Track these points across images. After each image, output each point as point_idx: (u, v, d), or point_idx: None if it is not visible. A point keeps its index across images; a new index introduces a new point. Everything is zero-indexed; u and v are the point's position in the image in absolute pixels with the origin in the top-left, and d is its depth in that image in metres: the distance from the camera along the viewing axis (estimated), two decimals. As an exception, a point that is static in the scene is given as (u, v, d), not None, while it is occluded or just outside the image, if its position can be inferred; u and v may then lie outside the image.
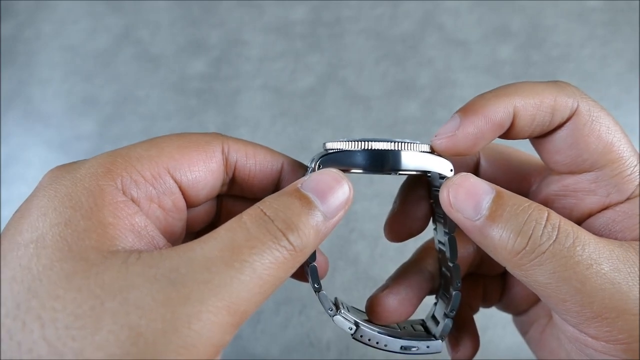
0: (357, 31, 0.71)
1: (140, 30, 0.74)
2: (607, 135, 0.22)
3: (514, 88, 0.22)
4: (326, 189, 0.20)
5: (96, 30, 0.74)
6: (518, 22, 0.70)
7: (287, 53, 0.70)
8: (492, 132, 0.22)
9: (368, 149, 0.22)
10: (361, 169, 0.22)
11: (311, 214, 0.19)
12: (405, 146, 0.22)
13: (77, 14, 0.76)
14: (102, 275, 0.17)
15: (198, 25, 0.73)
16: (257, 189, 0.25)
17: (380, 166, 0.22)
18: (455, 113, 0.23)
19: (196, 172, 0.22)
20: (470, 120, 0.22)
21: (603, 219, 0.22)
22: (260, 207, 0.19)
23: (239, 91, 0.68)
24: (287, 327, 0.52)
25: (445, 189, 0.21)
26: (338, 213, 0.20)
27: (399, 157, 0.22)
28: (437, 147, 0.22)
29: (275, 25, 0.72)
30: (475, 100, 0.22)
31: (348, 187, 0.21)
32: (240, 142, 0.24)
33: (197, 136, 0.23)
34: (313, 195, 0.20)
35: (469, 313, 0.29)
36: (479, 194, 0.20)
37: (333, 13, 0.72)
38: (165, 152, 0.21)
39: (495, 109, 0.22)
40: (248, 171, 0.24)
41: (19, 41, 0.74)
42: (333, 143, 0.22)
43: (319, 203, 0.20)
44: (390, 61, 0.69)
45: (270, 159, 0.25)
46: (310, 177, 0.21)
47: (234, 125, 0.66)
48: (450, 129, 0.22)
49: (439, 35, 0.70)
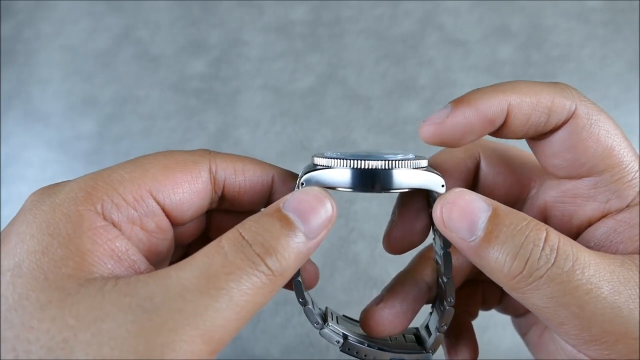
0: (357, 31, 0.71)
1: (140, 30, 0.74)
2: (607, 139, 0.21)
3: (511, 85, 0.21)
4: (308, 209, 0.20)
5: (96, 30, 0.74)
6: (518, 22, 0.70)
7: (287, 53, 0.70)
8: (482, 126, 0.21)
9: (355, 168, 0.21)
10: (348, 188, 0.21)
11: (291, 236, 0.19)
12: (395, 164, 0.21)
13: (77, 14, 0.76)
14: (77, 306, 0.16)
15: (198, 25, 0.73)
16: (248, 204, 0.24)
17: (369, 186, 0.21)
18: (448, 105, 0.22)
19: (180, 193, 0.22)
20: (460, 111, 0.21)
21: (603, 228, 0.22)
22: (239, 230, 0.19)
23: (239, 91, 0.68)
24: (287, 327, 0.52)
25: (438, 207, 0.20)
26: (320, 233, 0.20)
27: (388, 177, 0.21)
28: (424, 134, 0.22)
29: (275, 25, 0.72)
30: (470, 93, 0.22)
31: (331, 205, 0.20)
32: (228, 158, 0.24)
33: (184, 155, 0.23)
34: (294, 215, 0.19)
35: (467, 319, 0.28)
36: (474, 212, 0.20)
37: (333, 13, 0.72)
38: (149, 174, 0.21)
39: (488, 103, 0.21)
40: (238, 188, 0.24)
41: (18, 41, 0.74)
42: (320, 158, 0.22)
43: (300, 224, 0.19)
44: (390, 61, 0.69)
45: (260, 172, 0.24)
46: (292, 196, 0.20)
47: (234, 125, 0.66)
48: (440, 117, 0.22)
49: (439, 35, 0.70)
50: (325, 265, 0.55)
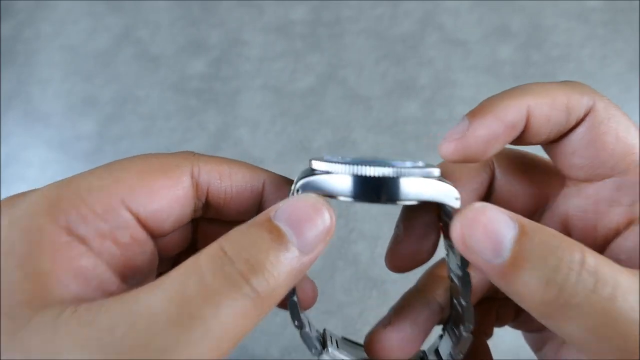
0: (357, 31, 0.71)
1: (140, 30, 0.74)
2: (627, 135, 0.20)
3: (524, 88, 0.20)
4: (303, 219, 0.17)
5: (96, 30, 0.74)
6: (518, 22, 0.70)
7: (287, 53, 0.70)
8: (505, 134, 0.20)
9: (358, 175, 0.18)
10: (350, 197, 0.18)
11: (283, 250, 0.16)
12: (404, 172, 0.18)
13: (77, 14, 0.76)
14: (27, 341, 0.14)
15: (198, 25, 0.73)
16: (236, 212, 0.22)
17: (373, 196, 0.18)
18: (464, 117, 0.20)
19: (158, 201, 0.19)
20: (480, 122, 0.19)
21: (633, 238, 0.19)
22: (221, 243, 0.16)
23: (239, 91, 0.68)
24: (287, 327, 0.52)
25: (458, 225, 0.17)
26: (316, 247, 0.17)
27: (395, 187, 0.18)
28: (445, 151, 0.20)
29: (275, 25, 0.72)
30: (485, 102, 0.20)
31: (329, 216, 0.18)
32: (213, 161, 0.21)
33: (164, 158, 0.21)
34: (287, 226, 0.17)
35: (483, 340, 0.26)
36: (499, 231, 0.17)
37: (333, 13, 0.72)
38: (122, 180, 0.19)
39: (507, 109, 0.19)
40: (224, 194, 0.21)
41: (18, 41, 0.74)
42: (319, 162, 0.19)
43: (294, 236, 0.17)
44: (390, 61, 0.69)
45: (249, 178, 0.22)
46: (285, 204, 0.17)
47: (234, 125, 0.66)
48: (459, 131, 0.20)
49: (439, 35, 0.70)
50: (325, 266, 0.55)
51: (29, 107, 0.70)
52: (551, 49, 0.68)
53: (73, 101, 0.69)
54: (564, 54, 0.67)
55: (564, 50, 0.68)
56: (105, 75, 0.71)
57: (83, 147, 0.66)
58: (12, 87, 0.71)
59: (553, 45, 0.68)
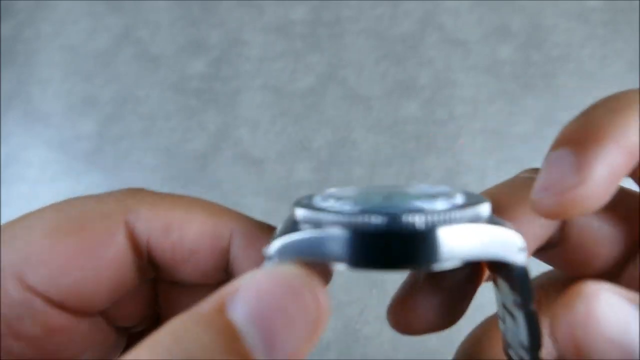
0: (357, 31, 0.71)
1: (140, 30, 0.74)
2: None
3: (625, 95, 0.14)
4: (274, 313, 0.10)
5: (96, 30, 0.74)
6: (518, 22, 0.70)
7: (287, 53, 0.70)
8: (627, 166, 0.13)
9: (363, 232, 0.11)
10: (354, 266, 0.12)
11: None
12: (439, 218, 0.11)
13: (77, 14, 0.76)
14: None
15: (198, 25, 0.73)
16: (194, 274, 0.15)
17: (393, 261, 0.11)
18: (560, 149, 0.13)
19: (75, 272, 0.14)
20: (596, 155, 0.13)
21: None
22: (139, 354, 0.10)
23: (239, 91, 0.68)
24: (287, 327, 0.52)
25: (564, 324, 0.12)
26: (299, 352, 0.11)
27: (428, 244, 0.11)
28: (553, 208, 0.13)
29: (275, 25, 0.72)
30: (587, 121, 0.14)
31: (316, 301, 0.11)
32: (159, 204, 0.15)
33: (88, 205, 0.15)
34: (250, 327, 0.10)
35: None
36: (629, 332, 0.12)
37: (333, 13, 0.72)
38: (20, 247, 0.13)
39: (624, 128, 0.13)
40: (171, 253, 0.15)
41: (18, 41, 0.74)
42: (305, 211, 0.12)
43: (260, 345, 0.10)
44: (390, 61, 0.69)
45: (209, 228, 0.15)
46: (247, 285, 0.11)
47: (234, 125, 0.66)
48: (566, 173, 0.13)
49: (439, 35, 0.70)
50: (325, 265, 0.55)
51: (29, 107, 0.70)
52: (551, 49, 0.68)
53: (73, 101, 0.69)
54: (564, 54, 0.67)
55: (564, 50, 0.68)
56: (105, 75, 0.71)
57: (83, 147, 0.66)
58: (12, 87, 0.71)
59: (553, 45, 0.68)
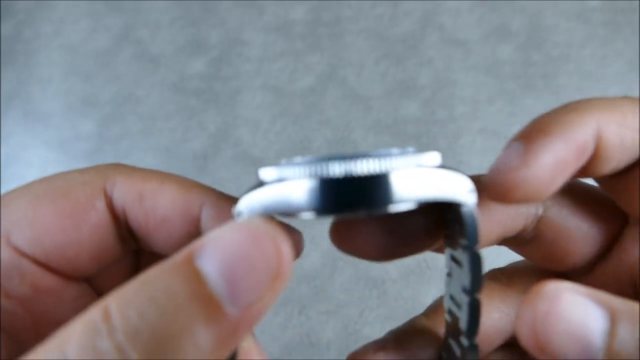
0: (357, 31, 0.71)
1: (140, 30, 0.74)
2: None
3: (587, 102, 0.16)
4: (237, 260, 0.11)
5: (96, 30, 0.74)
6: (518, 22, 0.70)
7: (287, 53, 0.70)
8: (575, 160, 0.15)
9: (324, 178, 0.12)
10: (315, 212, 0.13)
11: (207, 317, 0.11)
12: (391, 163, 0.13)
13: (76, 14, 0.76)
14: None
15: (198, 25, 0.73)
16: (164, 246, 0.16)
17: (350, 204, 0.12)
18: (513, 141, 0.15)
19: (60, 234, 0.15)
20: (542, 145, 0.14)
21: None
22: (107, 302, 0.11)
23: (239, 91, 0.68)
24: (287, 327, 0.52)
25: (526, 319, 0.13)
26: (261, 300, 0.11)
27: (382, 186, 0.12)
28: (496, 188, 0.15)
29: (275, 25, 0.72)
30: (540, 120, 0.15)
31: (276, 249, 0.11)
32: (135, 175, 0.16)
33: (71, 176, 0.16)
34: (215, 274, 0.11)
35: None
36: (586, 326, 0.13)
37: (333, 13, 0.72)
38: (8, 213, 0.14)
39: (574, 127, 0.14)
40: (144, 221, 0.16)
41: (18, 41, 0.74)
42: (269, 169, 0.13)
43: (225, 290, 0.11)
44: (390, 61, 0.69)
45: (181, 198, 0.16)
46: (214, 236, 0.11)
47: (234, 125, 0.66)
48: (513, 159, 0.14)
49: (439, 35, 0.70)
50: (325, 265, 0.55)
51: (28, 107, 0.70)
52: (551, 49, 0.68)
53: (73, 101, 0.69)
54: (564, 54, 0.67)
55: (564, 50, 0.68)
56: (105, 75, 0.71)
57: (83, 147, 0.66)
58: (12, 87, 0.71)
59: (553, 45, 0.68)
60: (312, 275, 0.54)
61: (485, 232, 0.17)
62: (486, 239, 0.17)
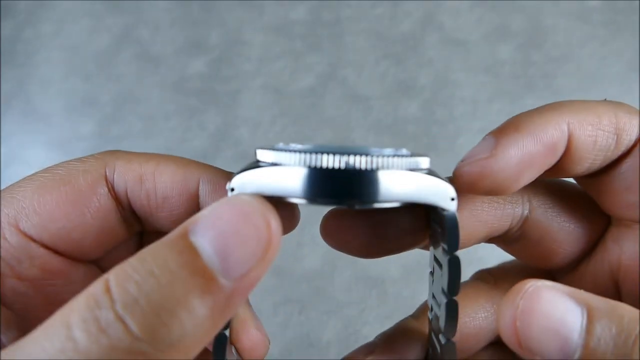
0: (357, 31, 0.71)
1: (140, 30, 0.74)
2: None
3: (561, 104, 0.16)
4: (230, 235, 0.12)
5: (96, 30, 0.74)
6: (518, 22, 0.70)
7: (287, 53, 0.70)
8: (543, 157, 0.15)
9: (315, 167, 0.13)
10: (303, 198, 0.13)
11: (202, 289, 0.11)
12: (381, 162, 0.13)
13: (77, 14, 0.76)
14: None
15: (198, 25, 0.73)
16: (167, 223, 0.17)
17: (337, 195, 0.13)
18: (487, 135, 0.16)
19: (63, 220, 0.15)
20: (511, 139, 0.15)
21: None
22: (107, 278, 0.11)
23: (239, 91, 0.68)
24: (287, 327, 0.52)
25: (507, 316, 0.13)
26: (251, 272, 0.12)
27: (369, 183, 0.13)
28: (464, 177, 0.15)
29: (275, 25, 0.72)
30: (513, 118, 0.16)
31: (266, 224, 0.12)
32: (136, 160, 0.17)
33: (71, 164, 0.17)
34: (209, 249, 0.12)
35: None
36: (565, 322, 0.13)
37: (333, 13, 0.72)
38: (15, 201, 0.16)
39: (545, 125, 0.15)
40: (147, 200, 0.17)
41: (18, 41, 0.74)
42: (265, 151, 0.14)
43: (218, 264, 0.12)
44: (390, 61, 0.69)
45: (178, 177, 0.17)
46: (207, 212, 0.12)
47: (234, 125, 0.66)
48: (483, 151, 0.15)
49: (439, 35, 0.70)
50: (325, 265, 0.55)
51: (29, 107, 0.70)
52: (551, 49, 0.68)
53: (73, 101, 0.69)
54: (564, 54, 0.67)
55: (564, 50, 0.68)
56: (105, 75, 0.71)
57: (83, 147, 0.66)
58: (12, 87, 0.71)
59: (553, 45, 0.68)
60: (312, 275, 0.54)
61: (472, 231, 0.18)
62: (473, 237, 0.18)
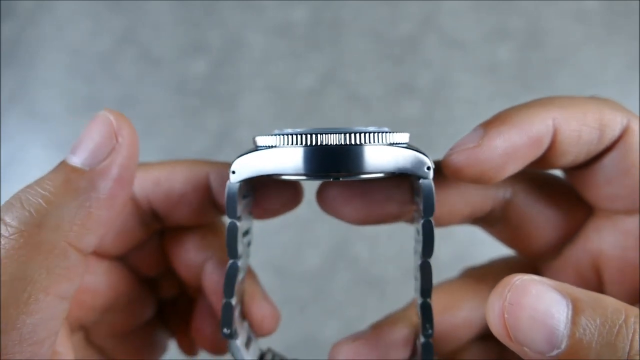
0: (357, 32, 0.71)
1: (142, 31, 0.74)
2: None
3: (548, 99, 0.17)
4: (84, 135, 0.17)
5: (97, 32, 0.74)
6: (517, 23, 0.70)
7: (287, 54, 0.70)
8: (528, 149, 0.16)
9: (307, 146, 0.15)
10: (298, 175, 0.16)
11: (72, 186, 0.16)
12: (365, 138, 0.15)
13: (78, 15, 0.76)
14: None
15: (199, 26, 0.73)
16: (188, 215, 0.20)
17: (327, 169, 0.15)
18: (477, 126, 0.17)
19: None
20: (498, 131, 0.16)
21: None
22: (19, 197, 0.16)
23: (240, 91, 0.68)
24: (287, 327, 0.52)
25: (495, 309, 0.14)
26: (101, 157, 0.16)
27: (354, 157, 0.15)
28: (453, 165, 0.17)
29: (275, 25, 0.72)
30: (504, 111, 0.17)
31: (112, 122, 0.17)
32: (149, 169, 0.20)
33: None
34: (76, 156, 0.17)
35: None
36: (551, 314, 0.13)
37: (333, 13, 0.72)
38: None
39: (531, 119, 0.16)
40: (165, 199, 0.19)
41: (20, 42, 0.74)
42: (263, 137, 0.16)
43: (81, 159, 0.17)
44: (390, 61, 0.69)
45: (189, 175, 0.19)
46: (77, 141, 0.18)
47: (234, 125, 0.66)
48: (472, 140, 0.17)
49: (438, 36, 0.70)
50: (325, 265, 0.55)
51: (29, 108, 0.70)
52: (550, 50, 0.68)
53: (74, 102, 0.70)
54: (563, 55, 0.67)
55: (563, 50, 0.68)
56: (107, 77, 0.71)
57: (84, 148, 0.66)
58: (13, 88, 0.71)
59: (552, 46, 0.68)
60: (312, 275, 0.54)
61: (456, 208, 0.19)
62: (456, 215, 0.19)
